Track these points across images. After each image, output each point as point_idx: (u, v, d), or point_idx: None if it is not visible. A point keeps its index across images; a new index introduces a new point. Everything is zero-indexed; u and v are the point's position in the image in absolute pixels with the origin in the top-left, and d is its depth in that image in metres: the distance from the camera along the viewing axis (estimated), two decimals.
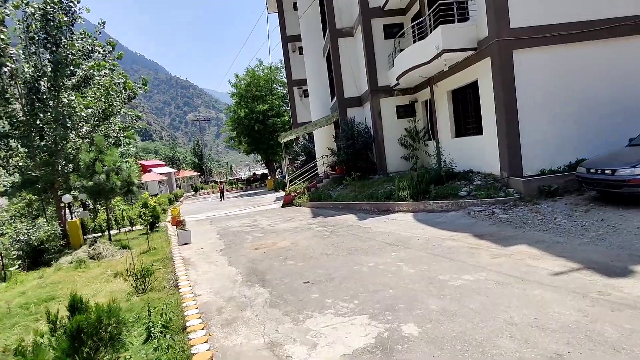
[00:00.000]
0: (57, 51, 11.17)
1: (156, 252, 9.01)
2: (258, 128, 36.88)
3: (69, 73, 11.94)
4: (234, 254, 8.96)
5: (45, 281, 7.25)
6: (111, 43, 13.12)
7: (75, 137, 11.62)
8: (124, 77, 13.60)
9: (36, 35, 11.47)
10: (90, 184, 9.76)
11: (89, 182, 9.78)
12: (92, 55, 12.45)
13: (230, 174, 75.47)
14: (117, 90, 12.89)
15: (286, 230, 11.30)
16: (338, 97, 18.82)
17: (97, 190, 9.86)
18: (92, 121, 12.14)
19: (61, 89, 11.70)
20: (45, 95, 11.51)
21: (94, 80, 12.01)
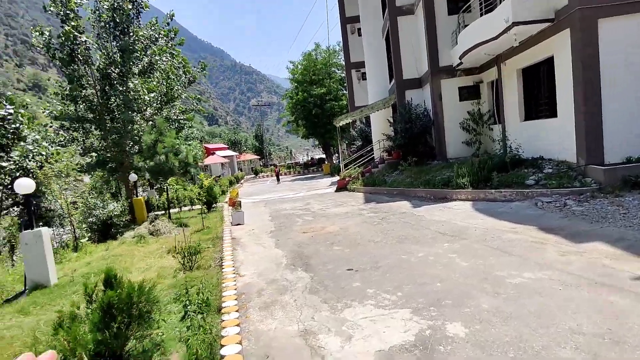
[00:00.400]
0: (124, 38, 11.82)
1: (209, 231, 9.31)
2: (315, 112, 36.84)
3: (136, 59, 12.61)
4: (282, 236, 8.97)
5: (109, 253, 7.78)
6: (174, 30, 13.63)
7: (140, 120, 12.35)
8: (183, 61, 14.12)
9: (106, 24, 12.21)
10: (151, 164, 10.30)
11: (150, 162, 10.32)
12: (156, 42, 13.03)
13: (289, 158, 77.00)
14: (177, 74, 13.42)
15: (336, 215, 11.12)
16: (396, 79, 18.03)
17: (157, 170, 10.38)
18: (155, 104, 12.79)
19: (129, 74, 12.39)
20: (116, 81, 12.27)
21: (157, 65, 12.61)
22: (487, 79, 15.04)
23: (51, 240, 9.70)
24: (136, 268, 6.42)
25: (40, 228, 5.52)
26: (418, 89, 17.84)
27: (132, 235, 9.35)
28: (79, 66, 11.67)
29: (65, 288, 5.44)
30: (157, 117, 12.38)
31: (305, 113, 38.08)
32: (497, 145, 14.09)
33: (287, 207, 14.38)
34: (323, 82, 38.21)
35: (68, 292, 5.27)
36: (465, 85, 15.71)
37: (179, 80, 13.60)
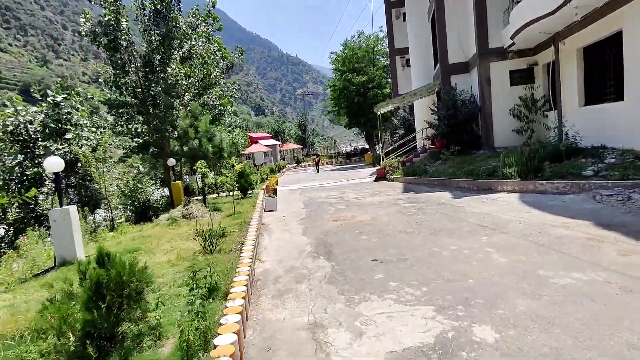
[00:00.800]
0: (165, 25, 11.99)
1: (239, 216, 9.24)
2: (357, 100, 36.11)
3: (176, 46, 12.78)
4: (311, 223, 8.70)
5: (141, 234, 7.92)
6: (213, 15, 13.67)
7: (179, 106, 12.57)
8: (218, 45, 14.15)
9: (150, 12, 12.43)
10: (186, 149, 10.40)
11: (185, 147, 10.43)
12: (196, 30, 13.14)
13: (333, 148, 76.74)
14: (214, 58, 13.48)
15: (370, 205, 10.67)
16: (441, 63, 17.03)
17: (192, 155, 10.47)
18: (193, 90, 12.95)
19: (170, 61, 12.59)
20: (157, 68, 12.51)
21: (194, 50, 12.72)
22: (542, 60, 13.74)
23: (93, 220, 10.19)
24: (161, 249, 6.43)
25: (69, 206, 5.64)
26: (464, 73, 16.74)
27: (167, 217, 9.51)
28: (122, 53, 12.02)
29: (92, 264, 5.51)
30: (194, 102, 12.49)
31: (347, 102, 37.46)
32: (551, 134, 12.87)
33: (322, 196, 14.11)
34: (366, 70, 37.31)
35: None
36: (517, 68, 14.48)
37: (217, 65, 13.67)
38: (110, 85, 12.39)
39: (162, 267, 5.30)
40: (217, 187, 15.20)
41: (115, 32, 11.44)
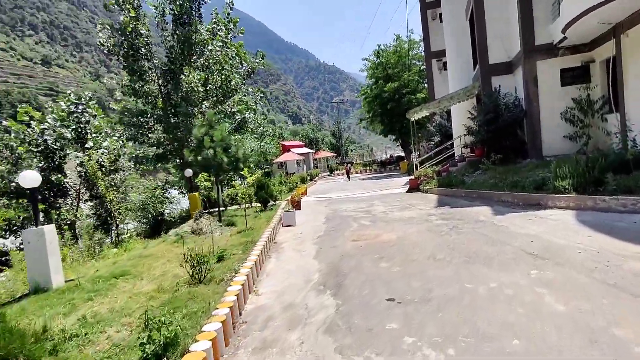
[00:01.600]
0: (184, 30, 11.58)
1: (250, 233, 8.45)
2: (391, 107, 34.79)
3: (198, 53, 12.35)
4: (327, 243, 7.72)
5: (142, 253, 7.29)
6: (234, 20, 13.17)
7: (197, 114, 12.11)
8: (236, 49, 13.60)
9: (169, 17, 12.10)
10: (200, 159, 9.80)
11: (198, 157, 9.83)
12: (217, 33, 12.67)
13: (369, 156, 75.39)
14: (233, 64, 12.93)
15: (399, 220, 9.53)
16: (481, 64, 15.62)
17: (206, 165, 9.86)
18: (212, 98, 12.46)
19: (190, 68, 12.16)
20: (177, 75, 12.11)
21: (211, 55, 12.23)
22: (599, 56, 12.07)
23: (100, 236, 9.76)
24: (150, 274, 5.71)
25: (44, 226, 5.06)
26: (507, 74, 15.21)
27: (176, 232, 8.91)
28: (142, 61, 11.72)
29: (64, 295, 4.87)
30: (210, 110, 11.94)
31: (381, 108, 36.25)
32: (613, 140, 11.17)
33: (348, 208, 13.09)
34: (400, 75, 35.97)
35: (62, 301, 4.68)
36: (569, 66, 12.86)
37: (236, 71, 13.14)
38: (129, 94, 12.17)
39: (137, 300, 4.53)
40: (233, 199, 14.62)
41: (134, 39, 11.15)
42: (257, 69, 14.33)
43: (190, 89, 11.50)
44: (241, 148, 10.38)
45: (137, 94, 12.09)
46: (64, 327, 3.63)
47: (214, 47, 12.47)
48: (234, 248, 7.00)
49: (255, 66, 14.23)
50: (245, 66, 13.86)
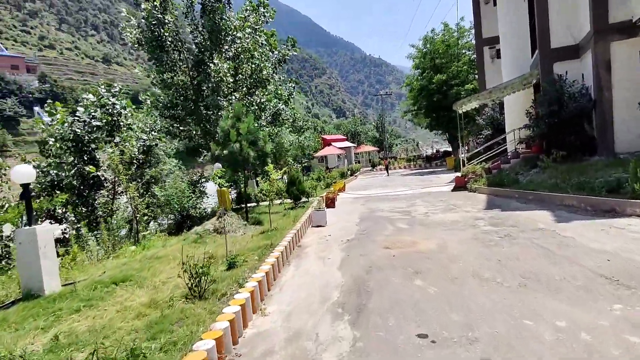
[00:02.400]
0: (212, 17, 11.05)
1: (274, 234, 7.75)
2: (437, 99, 32.85)
3: (229, 41, 11.82)
4: (356, 250, 6.83)
5: (156, 253, 6.82)
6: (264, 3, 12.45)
7: (228, 105, 11.59)
8: (266, 35, 12.87)
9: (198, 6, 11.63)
10: (225, 153, 9.25)
11: (224, 151, 9.28)
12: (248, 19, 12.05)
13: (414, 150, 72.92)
14: (263, 52, 12.24)
15: (440, 225, 8.43)
16: (541, 49, 13.85)
17: (231, 160, 9.29)
18: (242, 89, 11.89)
19: (220, 57, 11.66)
20: (207, 66, 11.65)
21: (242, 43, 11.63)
22: None
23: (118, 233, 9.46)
24: (153, 281, 5.15)
25: (36, 226, 4.63)
26: (572, 60, 13.35)
27: (196, 231, 8.43)
28: (171, 52, 11.33)
29: (54, 303, 4.42)
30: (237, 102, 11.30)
31: (426, 101, 34.37)
32: None
33: (385, 208, 12.08)
34: (448, 65, 33.86)
35: (49, 311, 4.21)
36: None
37: (266, 59, 12.46)
38: (160, 86, 11.90)
39: (124, 316, 3.94)
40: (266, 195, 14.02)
41: (159, 29, 10.76)
42: (288, 56, 13.57)
43: (219, 79, 10.97)
44: (269, 142, 9.71)
45: (167, 85, 11.80)
46: (24, 353, 3.07)
47: (243, 35, 11.85)
48: (250, 252, 6.31)
49: (286, 54, 13.47)
50: (276, 54, 13.14)
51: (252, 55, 12.16)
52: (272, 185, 8.65)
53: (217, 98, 11.09)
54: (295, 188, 12.23)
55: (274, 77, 13.21)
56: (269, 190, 8.58)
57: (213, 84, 11.01)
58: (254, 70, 12.28)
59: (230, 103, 11.74)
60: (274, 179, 8.49)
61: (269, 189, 8.58)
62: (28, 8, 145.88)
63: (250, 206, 13.84)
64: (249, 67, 12.25)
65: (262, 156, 9.63)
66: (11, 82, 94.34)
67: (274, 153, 18.11)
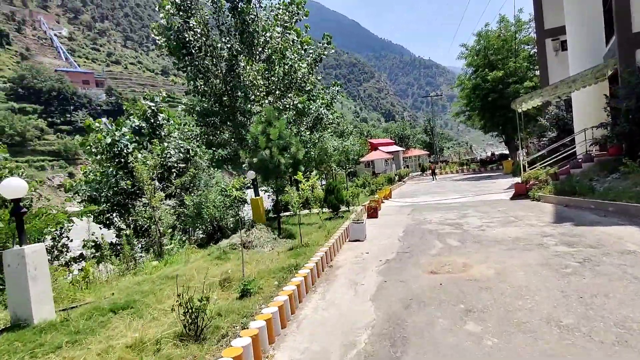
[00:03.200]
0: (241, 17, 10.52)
1: (303, 251, 6.90)
2: (493, 98, 30.44)
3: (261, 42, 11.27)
4: (396, 274, 5.79)
5: (175, 271, 6.24)
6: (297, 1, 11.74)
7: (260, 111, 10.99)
8: (296, 32, 12.07)
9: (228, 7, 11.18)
10: (255, 161, 8.58)
11: (254, 159, 8.62)
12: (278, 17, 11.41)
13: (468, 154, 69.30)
14: (295, 50, 11.46)
15: (498, 242, 7.13)
16: (619, 35, 11.90)
17: (262, 168, 8.61)
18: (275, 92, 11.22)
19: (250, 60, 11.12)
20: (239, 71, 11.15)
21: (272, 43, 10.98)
22: None
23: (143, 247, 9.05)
24: (157, 309, 4.48)
25: (25, 247, 4.13)
26: None
27: (219, 246, 7.80)
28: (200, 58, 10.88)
29: (39, 336, 3.87)
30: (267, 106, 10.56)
31: (481, 101, 32.04)
32: None
33: (433, 219, 10.82)
34: (505, 62, 31.35)
35: (28, 347, 3.65)
36: None
37: (300, 59, 11.69)
38: (192, 93, 11.58)
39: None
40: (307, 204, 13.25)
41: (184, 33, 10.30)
42: (324, 55, 12.72)
43: (249, 83, 10.38)
44: (301, 148, 8.91)
45: (200, 92, 11.43)
46: None
47: (272, 34, 11.19)
48: (271, 275, 5.51)
49: (322, 52, 12.62)
50: (311, 52, 12.33)
51: (283, 56, 11.46)
52: (301, 195, 7.80)
53: (249, 103, 10.50)
54: (333, 197, 11.33)
55: (310, 78, 12.45)
56: (297, 201, 7.75)
57: (244, 88, 10.44)
58: (287, 71, 11.57)
59: (262, 108, 11.15)
60: (305, 188, 7.64)
61: (297, 199, 7.75)
62: (98, 28, 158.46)
63: (287, 215, 13.15)
64: (282, 69, 11.55)
65: (294, 163, 8.85)
66: (82, 95, 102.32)
67: (315, 159, 17.37)
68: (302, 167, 8.92)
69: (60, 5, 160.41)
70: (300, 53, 12.28)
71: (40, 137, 79.80)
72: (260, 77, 10.64)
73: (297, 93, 12.07)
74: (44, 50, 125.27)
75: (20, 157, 72.09)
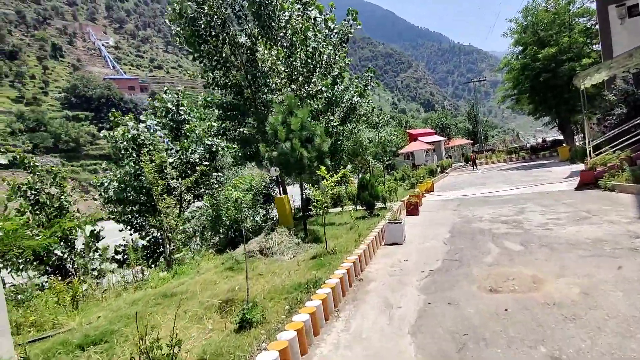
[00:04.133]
0: None
1: (329, 260, 5.80)
2: (545, 79, 27.55)
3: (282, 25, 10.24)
4: (442, 292, 4.53)
5: (178, 286, 5.36)
6: None
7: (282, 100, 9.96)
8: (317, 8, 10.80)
9: None
10: (275, 154, 7.57)
11: (274, 152, 7.61)
12: None
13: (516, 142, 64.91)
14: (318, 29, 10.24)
15: (574, 246, 5.64)
16: None
17: (283, 162, 7.59)
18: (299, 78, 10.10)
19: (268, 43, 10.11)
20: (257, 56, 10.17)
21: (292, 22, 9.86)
22: None
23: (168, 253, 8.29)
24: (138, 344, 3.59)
25: None
26: None
27: (236, 254, 6.85)
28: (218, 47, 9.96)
29: None
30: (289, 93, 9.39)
31: (530, 82, 29.19)
32: None
33: (485, 215, 9.33)
34: (558, 38, 28.28)
35: None
36: None
37: (325, 40, 10.44)
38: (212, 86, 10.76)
39: None
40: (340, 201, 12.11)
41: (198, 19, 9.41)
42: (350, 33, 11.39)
43: (268, 70, 9.33)
44: (327, 139, 7.78)
45: (219, 85, 10.60)
46: None
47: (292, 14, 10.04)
48: (284, 294, 4.45)
49: (349, 31, 11.30)
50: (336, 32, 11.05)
51: (305, 37, 10.29)
52: (325, 194, 6.64)
53: (270, 92, 9.47)
54: (367, 193, 10.08)
55: (338, 61, 11.20)
56: (321, 201, 6.59)
57: (263, 76, 9.43)
58: (311, 55, 10.40)
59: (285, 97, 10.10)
60: (328, 185, 6.48)
61: (320, 199, 6.60)
62: (141, 35, 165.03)
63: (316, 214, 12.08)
64: (304, 52, 10.38)
65: (319, 156, 7.74)
66: (128, 101, 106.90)
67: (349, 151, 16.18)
68: (328, 161, 7.79)
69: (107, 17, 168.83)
70: (324, 33, 11.06)
71: (92, 142, 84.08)
72: (280, 63, 9.58)
73: (321, 78, 10.90)
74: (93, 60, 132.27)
75: (75, 162, 76.66)
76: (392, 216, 7.98)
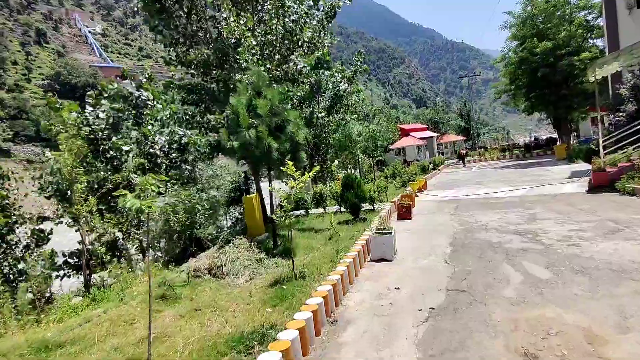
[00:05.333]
0: None
1: (293, 289, 4.28)
2: (542, 73, 26.25)
3: None
4: (451, 354, 3.06)
5: (76, 329, 3.81)
6: None
7: None
8: None
9: None
10: (236, 144, 6.01)
11: (235, 142, 6.06)
12: None
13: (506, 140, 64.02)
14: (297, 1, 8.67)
15: (620, 274, 4.21)
16: None
17: (247, 155, 6.05)
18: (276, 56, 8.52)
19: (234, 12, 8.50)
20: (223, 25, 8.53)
21: None
22: None
23: None
24: None
25: None
26: None
27: (185, 268, 5.29)
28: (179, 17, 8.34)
29: None
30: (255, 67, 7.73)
31: (528, 77, 27.93)
32: None
33: (490, 222, 7.90)
34: (557, 31, 26.97)
35: None
36: None
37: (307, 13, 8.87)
38: (175, 64, 9.15)
39: None
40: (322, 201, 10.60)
41: None
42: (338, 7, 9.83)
43: (236, 42, 7.70)
44: (302, 126, 6.26)
45: (183, 62, 8.98)
46: None
47: None
48: (213, 355, 2.94)
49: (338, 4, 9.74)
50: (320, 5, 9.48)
51: (282, 4, 8.59)
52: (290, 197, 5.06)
53: (238, 69, 7.85)
54: (352, 193, 8.53)
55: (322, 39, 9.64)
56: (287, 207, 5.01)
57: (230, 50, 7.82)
58: (291, 28, 8.76)
59: None
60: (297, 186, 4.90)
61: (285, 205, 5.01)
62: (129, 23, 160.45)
63: (297, 215, 10.55)
64: (281, 23, 8.69)
65: (292, 148, 6.20)
66: None
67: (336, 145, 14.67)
68: (304, 154, 6.26)
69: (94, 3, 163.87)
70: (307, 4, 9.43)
71: None
72: (250, 35, 7.93)
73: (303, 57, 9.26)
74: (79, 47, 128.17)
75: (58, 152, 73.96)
76: (381, 224, 6.47)
